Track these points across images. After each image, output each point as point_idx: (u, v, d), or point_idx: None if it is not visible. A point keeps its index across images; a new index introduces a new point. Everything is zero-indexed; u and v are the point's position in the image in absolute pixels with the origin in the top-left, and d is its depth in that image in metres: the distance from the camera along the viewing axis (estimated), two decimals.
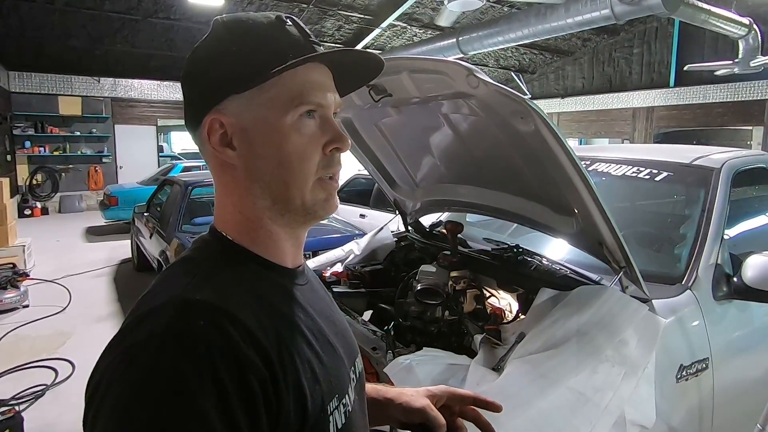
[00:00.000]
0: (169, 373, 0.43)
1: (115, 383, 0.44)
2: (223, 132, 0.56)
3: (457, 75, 1.28)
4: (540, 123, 1.20)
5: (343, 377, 0.59)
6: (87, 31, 8.99)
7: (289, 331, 0.53)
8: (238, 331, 0.47)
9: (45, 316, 4.31)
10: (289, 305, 0.56)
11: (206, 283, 0.51)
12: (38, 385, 3.05)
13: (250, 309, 0.50)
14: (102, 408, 0.44)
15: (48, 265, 5.91)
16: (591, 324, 1.31)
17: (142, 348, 0.45)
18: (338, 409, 0.55)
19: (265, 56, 0.54)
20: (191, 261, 0.57)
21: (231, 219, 0.58)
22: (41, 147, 10.40)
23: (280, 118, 0.54)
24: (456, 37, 7.83)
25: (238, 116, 0.55)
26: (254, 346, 0.47)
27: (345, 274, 2.17)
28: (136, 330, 0.47)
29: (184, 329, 0.45)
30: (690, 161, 1.95)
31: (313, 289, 0.64)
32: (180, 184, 4.48)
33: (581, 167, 1.23)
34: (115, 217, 8.01)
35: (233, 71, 0.55)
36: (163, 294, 0.50)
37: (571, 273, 1.64)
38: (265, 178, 0.56)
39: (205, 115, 0.56)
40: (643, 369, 1.24)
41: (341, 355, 0.60)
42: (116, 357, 0.46)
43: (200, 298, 0.49)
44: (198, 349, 0.44)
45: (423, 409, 0.73)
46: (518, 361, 1.24)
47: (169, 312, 0.47)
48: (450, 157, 1.91)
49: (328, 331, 0.60)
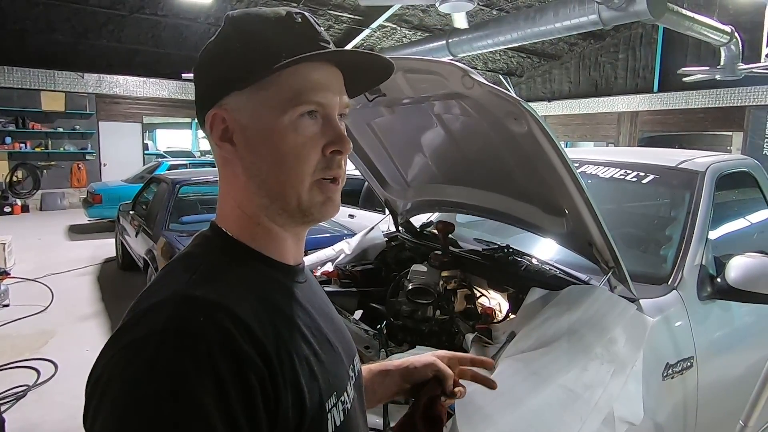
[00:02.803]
0: (168, 369, 0.43)
1: (115, 379, 0.44)
2: (224, 127, 0.56)
3: (452, 75, 1.29)
4: (533, 124, 1.21)
5: (342, 375, 0.60)
6: (71, 25, 8.83)
7: (288, 328, 0.53)
8: (237, 327, 0.47)
9: (26, 316, 4.22)
10: (288, 303, 0.56)
11: (206, 279, 0.51)
12: (20, 385, 2.99)
13: (249, 306, 0.50)
14: (102, 404, 0.44)
15: (29, 264, 5.79)
16: (581, 323, 1.34)
17: (142, 344, 0.45)
18: (336, 407, 0.56)
19: (266, 54, 0.53)
20: (191, 257, 0.57)
21: (231, 215, 0.58)
22: (22, 143, 10.17)
23: (278, 116, 0.54)
24: (446, 39, 7.88)
25: (238, 113, 0.55)
26: (253, 343, 0.47)
27: (335, 274, 2.17)
28: (137, 326, 0.47)
29: (184, 325, 0.46)
30: (676, 164, 1.99)
31: (312, 288, 0.64)
32: (167, 182, 4.42)
33: (573, 169, 1.25)
34: (98, 215, 7.87)
35: (234, 68, 0.55)
36: (163, 290, 0.51)
37: (561, 273, 1.67)
38: (261, 176, 0.56)
39: (209, 110, 0.57)
40: (631, 367, 1.26)
41: (340, 354, 0.61)
42: (116, 353, 0.46)
43: (200, 294, 0.49)
44: (198, 345, 0.45)
45: (432, 362, 0.76)
46: (510, 359, 1.26)
47: (169, 308, 0.47)
48: (442, 157, 1.93)
49: (326, 330, 0.60)
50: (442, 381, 0.76)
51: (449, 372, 0.76)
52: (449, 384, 0.76)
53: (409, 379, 0.78)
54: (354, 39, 10.31)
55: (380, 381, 0.78)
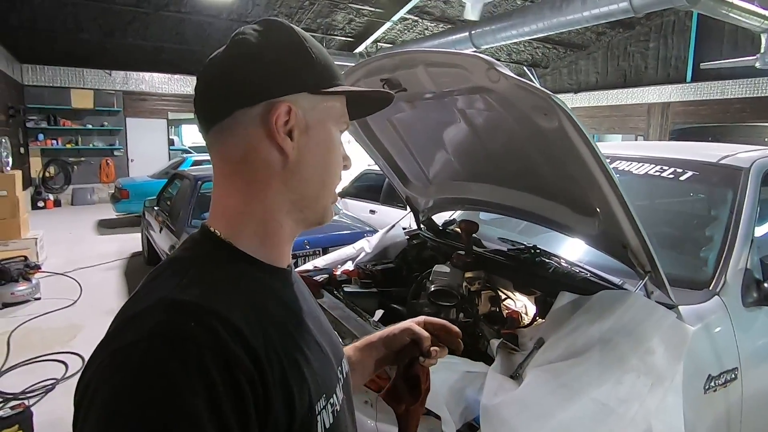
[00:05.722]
0: (157, 373, 0.43)
1: (103, 387, 0.44)
2: (287, 120, 0.57)
3: (476, 68, 1.22)
4: (564, 119, 1.13)
5: (331, 377, 0.60)
6: (98, 24, 9.01)
7: (277, 330, 0.54)
8: (227, 330, 0.47)
9: (56, 309, 4.33)
10: (276, 305, 0.57)
11: (194, 283, 0.51)
12: (48, 379, 3.06)
13: (238, 309, 0.50)
14: (90, 413, 0.44)
15: (60, 258, 5.96)
16: (614, 331, 1.25)
17: (130, 350, 0.45)
18: (326, 409, 0.56)
19: (337, 71, 0.62)
20: (180, 261, 0.57)
21: (233, 214, 0.58)
22: (54, 140, 10.48)
23: (333, 129, 0.62)
24: (469, 31, 7.71)
25: (306, 112, 0.58)
26: (243, 346, 0.47)
27: (356, 273, 2.12)
28: (124, 332, 0.47)
29: (173, 330, 0.46)
30: (717, 160, 1.87)
31: (300, 290, 0.65)
32: (189, 179, 4.44)
33: (607, 166, 1.16)
34: (125, 210, 8.05)
35: (315, 71, 0.59)
36: (151, 295, 0.50)
37: (592, 276, 1.58)
38: (306, 174, 0.59)
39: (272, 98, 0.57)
40: (670, 380, 1.18)
41: (328, 355, 0.62)
42: (103, 360, 0.46)
43: (188, 299, 0.49)
44: (188, 348, 0.44)
45: (408, 327, 0.81)
46: (538, 369, 1.18)
47: (157, 313, 0.47)
48: (465, 154, 1.85)
49: (315, 332, 0.61)
50: (419, 343, 0.80)
51: (425, 334, 0.80)
52: (426, 345, 0.79)
53: (390, 345, 0.82)
54: (375, 32, 10.21)
55: (368, 353, 0.83)
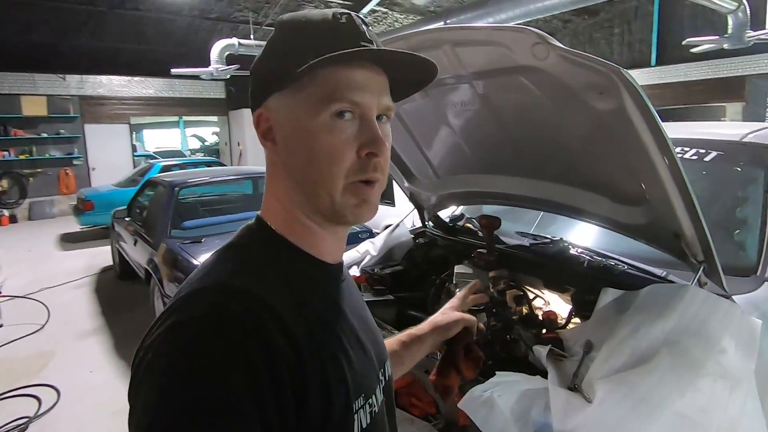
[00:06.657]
0: (205, 353, 0.46)
1: (157, 360, 0.47)
2: (267, 126, 0.59)
3: (520, 44, 1.07)
4: (627, 98, 0.99)
5: (371, 378, 0.60)
6: (50, 25, 8.46)
7: (320, 325, 0.54)
8: (271, 318, 0.49)
9: (22, 336, 3.95)
10: (322, 300, 0.58)
11: (245, 271, 0.54)
12: (20, 417, 2.75)
13: (284, 299, 0.52)
14: (144, 381, 0.47)
15: (21, 279, 5.51)
16: (679, 331, 1.13)
17: (183, 329, 0.48)
18: (364, 409, 0.56)
19: (302, 56, 0.54)
20: (234, 248, 0.59)
21: (273, 209, 0.60)
22: (5, 151, 9.80)
23: (312, 116, 0.55)
24: (444, 20, 7.60)
25: (278, 112, 0.58)
26: (285, 334, 0.49)
27: (364, 279, 1.96)
28: (179, 311, 0.50)
29: (222, 313, 0.48)
30: (740, 138, 1.79)
31: (349, 288, 0.65)
32: (165, 186, 4.12)
33: (673, 151, 1.03)
34: (91, 222, 7.57)
35: (274, 70, 0.58)
36: (205, 278, 0.54)
37: (629, 268, 1.47)
38: (297, 175, 0.58)
39: (257, 108, 0.60)
40: (747, 381, 1.07)
41: (371, 356, 0.62)
42: (160, 334, 0.49)
43: (238, 284, 0.51)
44: (233, 332, 0.47)
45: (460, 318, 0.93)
46: (608, 382, 1.05)
47: (209, 296, 0.50)
48: (483, 144, 1.71)
49: (359, 331, 0.61)
50: (470, 329, 0.93)
51: (474, 319, 0.91)
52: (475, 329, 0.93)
53: (444, 336, 0.92)
54: None
55: (417, 347, 0.89)
